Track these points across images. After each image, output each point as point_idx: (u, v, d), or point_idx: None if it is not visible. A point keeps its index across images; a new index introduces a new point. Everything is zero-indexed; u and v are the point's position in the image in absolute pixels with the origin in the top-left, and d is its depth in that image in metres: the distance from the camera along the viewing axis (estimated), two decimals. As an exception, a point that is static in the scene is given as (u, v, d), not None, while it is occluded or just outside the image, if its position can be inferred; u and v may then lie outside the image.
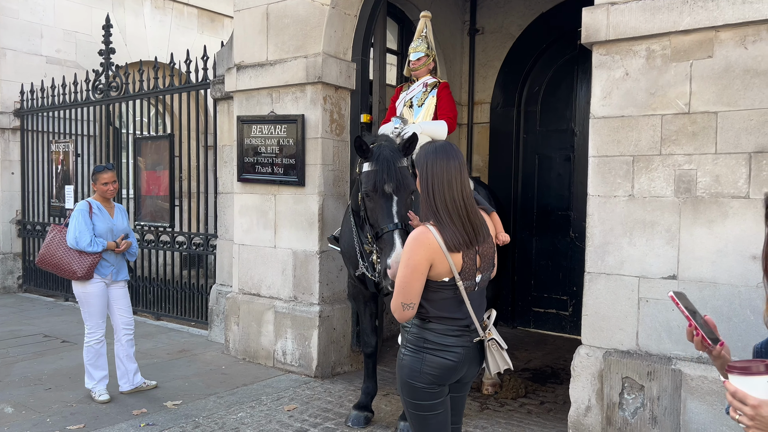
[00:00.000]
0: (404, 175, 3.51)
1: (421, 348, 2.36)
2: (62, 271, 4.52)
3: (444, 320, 2.35)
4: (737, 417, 1.31)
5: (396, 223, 3.38)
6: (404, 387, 2.39)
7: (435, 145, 2.43)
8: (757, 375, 1.28)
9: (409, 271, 2.27)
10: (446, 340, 2.35)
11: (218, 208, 6.50)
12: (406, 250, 2.30)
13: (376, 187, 3.47)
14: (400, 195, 3.44)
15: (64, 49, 9.73)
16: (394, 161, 3.50)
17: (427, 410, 2.38)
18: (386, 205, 3.44)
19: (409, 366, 2.36)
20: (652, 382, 3.58)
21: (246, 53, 5.69)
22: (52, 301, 8.72)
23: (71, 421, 4.23)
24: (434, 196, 2.31)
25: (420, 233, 2.30)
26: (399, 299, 2.29)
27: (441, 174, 2.32)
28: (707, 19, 3.38)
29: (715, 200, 3.43)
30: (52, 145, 8.88)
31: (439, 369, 2.34)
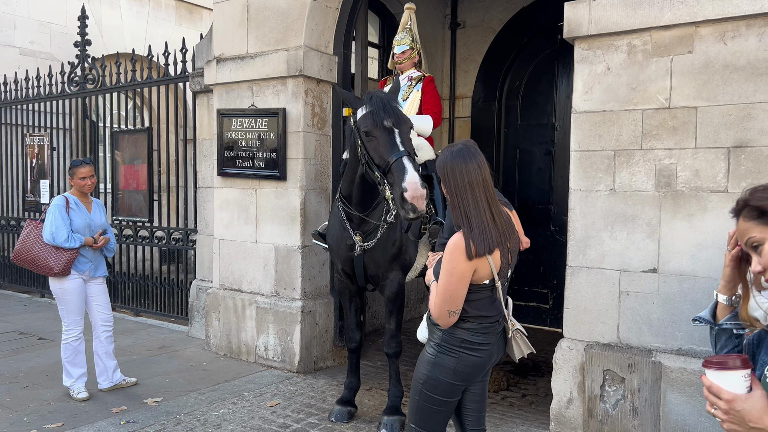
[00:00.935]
0: (401, 112, 3.52)
1: (458, 347, 2.41)
2: (39, 268, 4.43)
3: (480, 319, 2.41)
4: (713, 411, 1.33)
5: (402, 150, 3.34)
6: (429, 381, 2.43)
7: (452, 149, 2.43)
8: (732, 370, 1.29)
9: (455, 279, 2.29)
10: (480, 338, 2.42)
11: (198, 202, 6.43)
12: (449, 259, 2.29)
13: (376, 123, 3.43)
14: (401, 128, 3.42)
15: (39, 41, 9.54)
16: (389, 100, 3.50)
17: (443, 405, 2.47)
18: (389, 138, 3.40)
19: (444, 364, 2.41)
20: (633, 375, 3.63)
21: (226, 46, 5.61)
22: (28, 297, 8.57)
23: (49, 419, 4.16)
24: (459, 201, 2.34)
25: (459, 239, 2.30)
26: (445, 307, 2.32)
27: (462, 177, 2.33)
28: (687, 15, 3.41)
29: (694, 194, 3.47)
30: (27, 139, 8.69)
31: (472, 367, 2.43)
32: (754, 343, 1.49)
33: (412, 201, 3.19)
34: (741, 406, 1.27)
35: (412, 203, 3.19)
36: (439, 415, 2.49)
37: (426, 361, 2.47)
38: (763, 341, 1.46)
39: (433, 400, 2.45)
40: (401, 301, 4.13)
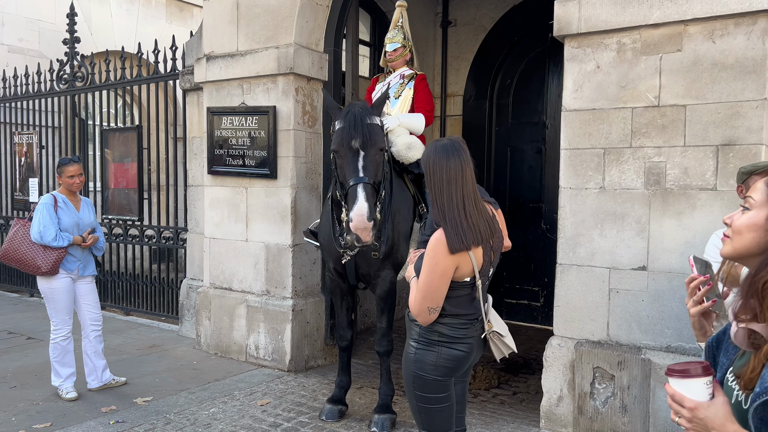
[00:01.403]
0: (373, 132, 3.45)
1: (434, 342, 2.38)
2: (26, 267, 4.40)
3: (458, 316, 2.39)
4: (677, 419, 1.32)
5: (361, 177, 3.34)
6: (416, 380, 2.41)
7: (437, 144, 2.42)
8: (694, 378, 1.29)
9: (437, 276, 2.27)
10: (459, 332, 2.40)
11: (188, 201, 6.39)
12: (432, 255, 2.27)
13: (342, 143, 3.43)
14: (367, 150, 3.40)
15: (27, 38, 9.45)
16: (363, 118, 3.44)
17: (437, 403, 2.42)
18: (353, 160, 3.40)
19: (423, 359, 2.39)
20: (623, 372, 3.64)
21: (216, 43, 5.58)
22: (17, 296, 8.50)
23: (38, 419, 4.13)
24: (436, 196, 2.32)
25: (441, 235, 2.28)
26: (425, 303, 2.29)
27: (442, 173, 2.32)
28: (676, 13, 3.42)
29: (683, 192, 3.49)
30: (15, 137, 8.62)
31: (453, 360, 2.40)
32: (714, 345, 1.48)
33: (356, 232, 3.24)
34: (704, 413, 1.26)
35: (356, 234, 3.24)
36: (442, 413, 2.44)
37: (408, 360, 2.45)
38: (722, 343, 1.44)
39: (426, 399, 2.42)
40: (393, 299, 4.13)
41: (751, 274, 1.26)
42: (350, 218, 3.28)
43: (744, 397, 1.28)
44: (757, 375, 1.23)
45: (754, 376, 1.24)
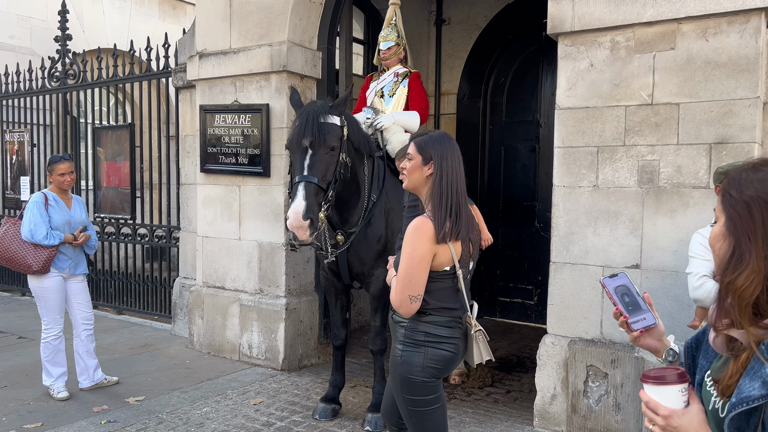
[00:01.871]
0: (325, 131, 3.44)
1: (421, 342, 2.35)
2: (17, 265, 4.36)
3: (442, 311, 2.36)
4: (650, 427, 1.29)
5: (305, 175, 3.36)
6: (404, 384, 2.36)
7: (442, 133, 2.47)
8: (669, 384, 1.26)
9: (416, 263, 2.26)
10: (445, 331, 2.37)
11: (181, 199, 6.36)
12: (410, 242, 2.27)
13: (292, 140, 3.47)
14: (315, 149, 3.40)
15: (18, 35, 9.38)
16: (317, 117, 3.44)
17: (427, 405, 2.38)
18: (301, 158, 3.42)
19: (410, 361, 2.34)
20: (616, 370, 3.64)
21: (209, 41, 5.55)
22: (8, 295, 8.44)
23: (28, 419, 4.10)
24: (450, 186, 2.33)
25: (423, 223, 2.29)
26: (406, 292, 2.27)
27: (454, 164, 2.36)
28: (670, 11, 3.42)
29: (676, 190, 3.49)
30: (6, 135, 8.56)
31: (441, 362, 2.36)
32: (693, 347, 1.46)
33: (291, 230, 3.29)
34: (678, 422, 1.24)
35: (292, 231, 3.28)
36: (433, 415, 2.39)
37: (395, 363, 2.40)
38: (701, 344, 1.42)
39: (416, 402, 2.36)
40: (386, 298, 4.11)
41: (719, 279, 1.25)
42: (287, 216, 3.32)
43: (721, 404, 1.25)
44: (735, 381, 1.20)
45: (732, 383, 1.21)
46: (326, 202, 3.49)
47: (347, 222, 3.97)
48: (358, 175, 3.90)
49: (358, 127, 3.88)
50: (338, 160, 3.51)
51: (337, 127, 3.54)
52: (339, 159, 3.51)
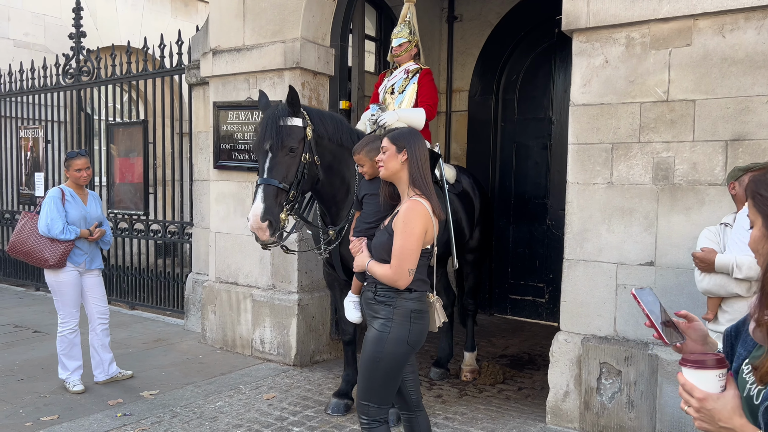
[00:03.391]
0: (284, 134, 3.52)
1: (408, 318, 2.60)
2: (34, 260, 4.41)
3: (422, 286, 2.65)
4: (686, 408, 1.33)
5: (264, 178, 3.47)
6: (388, 358, 2.58)
7: (412, 129, 2.84)
8: (707, 369, 1.30)
9: (415, 239, 2.54)
10: (423, 305, 2.66)
11: (194, 195, 6.40)
12: (409, 221, 2.54)
13: (255, 145, 3.64)
14: (274, 152, 3.50)
15: (33, 33, 9.46)
16: (277, 120, 3.54)
17: (398, 376, 2.67)
18: (262, 161, 3.54)
19: (398, 336, 2.59)
20: (630, 367, 3.64)
21: (222, 38, 5.58)
22: (23, 290, 8.53)
23: (45, 412, 4.15)
24: (423, 171, 2.64)
25: (416, 204, 2.58)
26: (405, 266, 2.54)
27: (425, 153, 2.68)
28: (686, 7, 3.41)
29: (692, 187, 3.47)
30: (21, 131, 8.64)
31: (420, 334, 2.66)
32: (732, 335, 1.48)
33: (251, 231, 3.43)
34: (712, 405, 1.27)
35: (253, 231, 3.42)
36: (394, 386, 2.68)
37: (378, 339, 2.60)
38: (740, 333, 1.45)
39: (392, 374, 2.62)
40: None
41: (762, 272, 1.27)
42: (248, 217, 3.44)
43: (756, 392, 1.27)
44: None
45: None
46: (288, 203, 3.55)
47: (338, 217, 3.99)
48: (343, 172, 3.91)
49: (334, 124, 3.88)
50: (300, 161, 3.58)
51: (298, 128, 3.59)
52: (301, 159, 3.58)
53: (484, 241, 5.18)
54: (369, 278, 2.72)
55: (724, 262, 2.83)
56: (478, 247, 5.10)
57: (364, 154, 3.29)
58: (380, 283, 2.62)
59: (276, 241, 3.53)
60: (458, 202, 4.70)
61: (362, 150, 3.31)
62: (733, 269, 2.78)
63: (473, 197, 4.97)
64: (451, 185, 4.67)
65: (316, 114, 3.82)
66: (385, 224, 2.71)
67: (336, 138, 3.84)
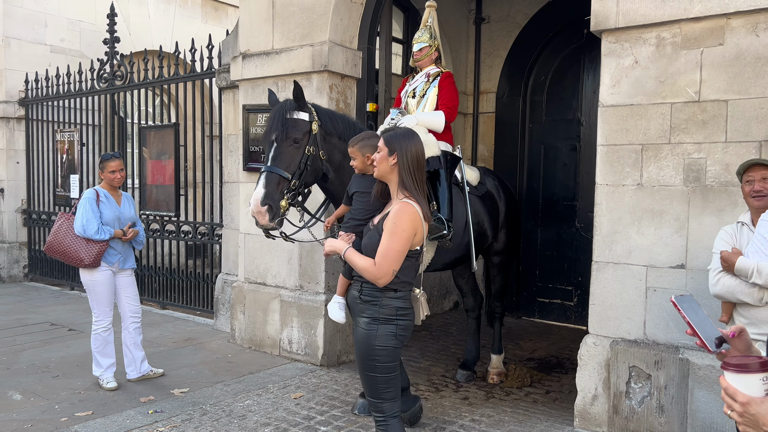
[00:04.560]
0: (290, 126, 3.64)
1: (394, 316, 2.69)
2: (70, 259, 4.53)
3: (406, 286, 2.72)
4: (729, 413, 1.32)
5: (268, 165, 3.59)
6: (382, 353, 2.68)
7: (406, 130, 2.82)
8: (750, 373, 1.28)
9: (404, 241, 2.60)
10: (407, 303, 2.74)
11: (224, 197, 6.50)
12: (399, 223, 2.59)
13: (262, 137, 3.75)
14: (279, 142, 3.62)
15: (69, 38, 9.71)
16: (284, 113, 3.64)
17: (396, 369, 2.74)
18: (268, 150, 3.66)
19: (386, 333, 2.68)
20: (660, 371, 3.59)
21: (252, 42, 5.66)
22: (58, 289, 8.75)
23: (79, 407, 4.26)
24: (414, 175, 2.69)
25: (406, 206, 2.63)
26: (392, 266, 2.61)
27: (419, 156, 2.72)
28: (718, 6, 3.35)
29: (724, 189, 3.42)
30: (57, 135, 8.87)
31: (407, 329, 2.75)
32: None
33: (252, 215, 3.54)
34: (756, 409, 1.25)
35: (253, 216, 3.53)
36: (396, 380, 2.76)
37: (367, 338, 2.69)
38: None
39: (389, 369, 2.70)
40: None
41: None
42: (249, 202, 3.57)
43: None
44: None
45: None
46: (290, 191, 3.66)
47: None
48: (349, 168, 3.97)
49: (346, 125, 3.98)
50: (304, 152, 3.68)
51: (304, 122, 3.70)
52: (305, 151, 3.68)
53: (510, 244, 5.15)
54: (355, 277, 2.80)
55: (745, 265, 2.76)
56: (504, 250, 5.08)
57: (357, 149, 3.33)
58: (366, 282, 2.69)
59: (276, 227, 3.64)
60: (480, 204, 4.68)
61: (356, 144, 3.35)
62: (753, 274, 2.72)
63: (498, 199, 4.95)
64: (474, 187, 4.66)
65: (326, 113, 3.92)
66: (374, 223, 2.76)
67: (344, 134, 3.91)
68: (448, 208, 4.11)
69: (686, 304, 1.57)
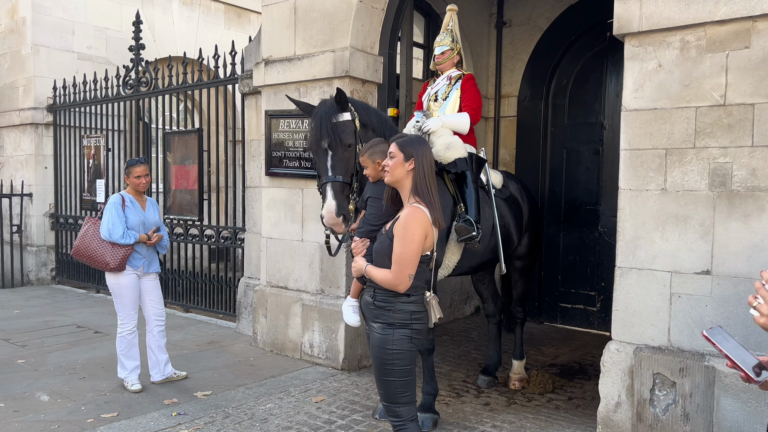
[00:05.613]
0: (340, 131, 3.66)
1: (409, 320, 2.71)
2: (96, 263, 4.61)
3: (419, 290, 2.73)
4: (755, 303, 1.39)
5: (329, 176, 3.62)
6: (398, 356, 2.69)
7: (417, 136, 2.88)
8: None
9: (416, 246, 2.63)
10: (421, 307, 2.75)
11: (246, 201, 6.57)
12: (409, 228, 2.62)
13: (311, 144, 3.75)
14: (334, 149, 3.64)
15: (95, 46, 9.90)
16: (329, 117, 3.65)
17: (413, 372, 2.76)
18: (323, 159, 3.67)
19: (402, 337, 2.70)
20: (685, 379, 3.53)
21: (274, 48, 5.72)
22: (84, 292, 8.91)
23: (105, 409, 4.33)
24: (428, 181, 2.72)
25: (416, 211, 2.66)
26: (406, 271, 2.64)
27: (431, 162, 2.76)
28: (744, 9, 3.30)
29: (751, 194, 3.36)
30: (84, 140, 9.04)
31: (422, 332, 2.79)
32: None
33: (328, 226, 3.62)
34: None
35: (329, 227, 3.61)
36: (412, 384, 2.77)
37: (383, 342, 2.71)
38: None
39: (406, 372, 2.72)
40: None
41: None
42: (322, 215, 3.62)
43: None
44: None
45: None
46: (352, 194, 3.74)
47: None
48: None
49: (378, 117, 4.02)
50: (356, 152, 3.72)
51: (350, 123, 3.74)
52: (356, 151, 3.72)
53: (532, 248, 5.12)
54: (368, 282, 2.80)
55: None
56: (526, 254, 5.05)
57: (368, 157, 3.34)
58: (379, 287, 2.71)
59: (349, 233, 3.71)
60: (506, 208, 4.67)
61: (366, 152, 3.36)
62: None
63: (521, 203, 4.93)
64: (498, 190, 4.65)
65: (361, 106, 3.96)
66: (386, 228, 2.77)
67: (380, 131, 3.96)
68: (475, 209, 4.10)
69: (719, 337, 1.56)
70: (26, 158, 9.55)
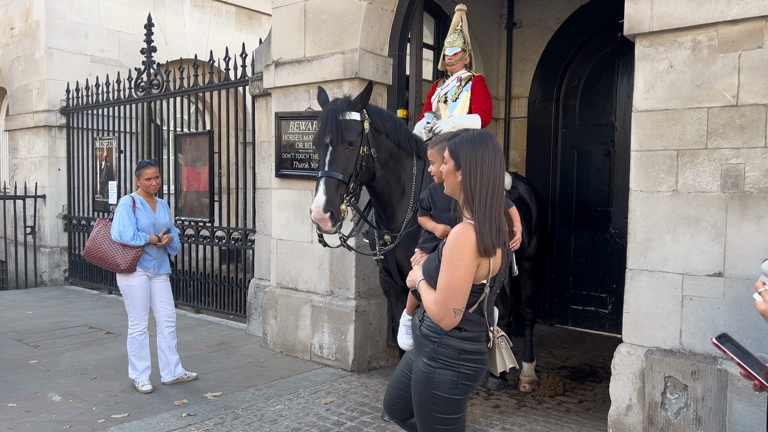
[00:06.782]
0: (344, 128, 3.61)
1: (455, 360, 2.23)
2: (107, 264, 4.64)
3: (473, 324, 2.25)
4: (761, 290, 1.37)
5: (325, 170, 3.56)
6: (436, 402, 2.25)
7: (479, 133, 2.27)
8: None
9: (462, 272, 2.12)
10: (477, 346, 2.27)
11: (256, 203, 6.59)
12: (456, 251, 2.13)
13: (315, 139, 3.72)
14: (335, 146, 3.59)
15: (108, 48, 9.98)
16: (336, 114, 3.61)
17: (455, 423, 2.29)
18: (323, 154, 3.63)
19: (444, 380, 2.23)
20: (697, 382, 3.50)
21: (284, 50, 5.74)
22: (97, 293, 8.97)
23: (116, 410, 4.36)
24: (486, 192, 2.16)
25: (466, 229, 2.14)
26: (450, 305, 2.13)
27: (489, 170, 2.17)
28: (757, 9, 3.27)
29: (764, 195, 3.32)
30: (97, 142, 9.11)
31: (474, 378, 2.28)
32: None
33: (314, 221, 3.53)
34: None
35: (316, 222, 3.52)
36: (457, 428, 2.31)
37: (425, 382, 2.26)
38: None
39: (453, 421, 2.27)
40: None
41: None
42: (310, 209, 3.56)
43: None
44: None
45: None
46: (348, 194, 3.67)
47: (393, 219, 4.01)
48: (399, 171, 3.96)
49: (393, 122, 3.94)
50: (359, 154, 3.67)
51: (356, 123, 3.69)
52: (360, 152, 3.67)
53: (541, 249, 5.10)
54: None
55: None
56: (535, 255, 5.03)
57: (437, 151, 2.77)
58: None
59: (337, 230, 3.65)
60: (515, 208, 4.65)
61: (436, 146, 2.81)
62: None
63: (530, 204, 4.91)
64: (508, 191, 4.63)
65: (375, 110, 3.91)
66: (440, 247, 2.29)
67: (394, 137, 3.91)
68: None
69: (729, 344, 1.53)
70: (40, 160, 9.64)
